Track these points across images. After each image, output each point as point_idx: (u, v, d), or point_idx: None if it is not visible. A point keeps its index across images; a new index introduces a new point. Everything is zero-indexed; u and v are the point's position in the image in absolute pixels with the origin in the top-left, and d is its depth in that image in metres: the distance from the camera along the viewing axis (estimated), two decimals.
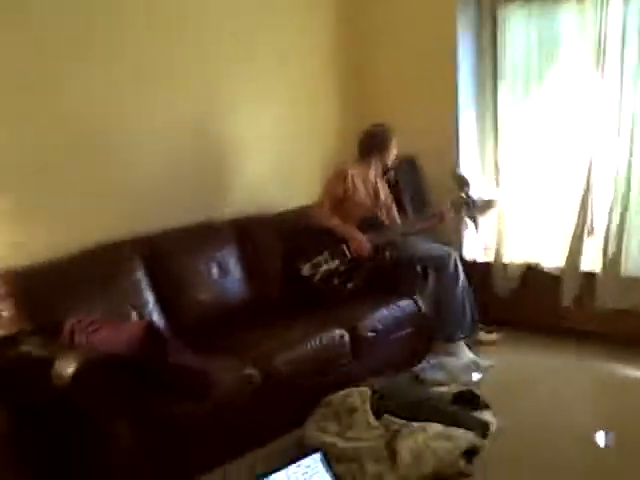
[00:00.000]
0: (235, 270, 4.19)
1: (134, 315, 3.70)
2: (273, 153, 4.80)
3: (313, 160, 5.00)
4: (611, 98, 4.41)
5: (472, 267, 4.89)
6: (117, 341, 3.02)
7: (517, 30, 4.75)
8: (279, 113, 4.79)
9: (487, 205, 4.64)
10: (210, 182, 4.44)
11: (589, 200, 4.60)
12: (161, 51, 4.07)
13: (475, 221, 4.56)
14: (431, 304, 4.42)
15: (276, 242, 4.36)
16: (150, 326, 3.14)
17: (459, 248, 4.97)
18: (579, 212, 4.63)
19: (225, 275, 4.13)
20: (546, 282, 4.81)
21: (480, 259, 5.11)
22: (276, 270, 4.29)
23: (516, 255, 4.98)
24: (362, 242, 4.22)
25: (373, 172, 4.55)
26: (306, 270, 4.19)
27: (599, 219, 4.63)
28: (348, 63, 5.17)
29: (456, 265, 4.45)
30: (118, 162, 3.96)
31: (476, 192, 4.62)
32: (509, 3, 4.75)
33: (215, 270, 4.10)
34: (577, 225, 4.65)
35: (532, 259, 4.92)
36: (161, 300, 3.86)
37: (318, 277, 4.19)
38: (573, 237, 4.67)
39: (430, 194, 5.08)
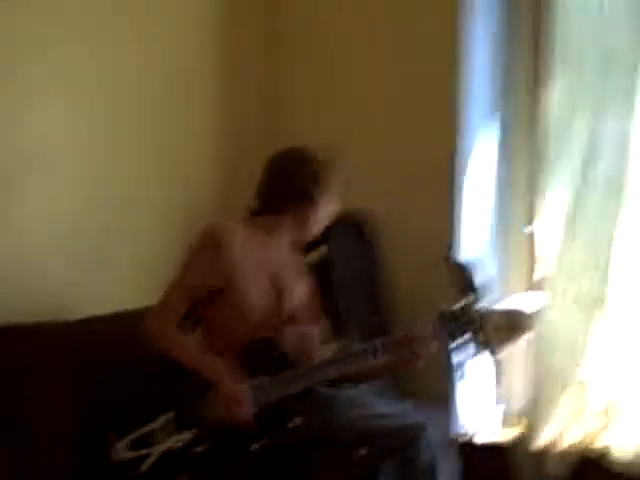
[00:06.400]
0: None
1: None
2: (72, 199, 3.52)
3: (156, 220, 3.80)
4: None
5: (474, 457, 3.65)
6: None
7: None
8: (93, 122, 3.56)
9: (514, 326, 3.33)
10: None
11: None
12: None
13: (491, 357, 3.34)
14: None
15: (63, 384, 3.09)
16: None
17: (448, 415, 3.79)
18: None
19: None
20: None
21: (489, 439, 3.85)
22: (59, 445, 3.03)
23: (569, 434, 3.64)
24: (237, 395, 2.98)
25: (284, 244, 3.25)
26: (122, 451, 2.95)
27: None
28: (241, 39, 4.11)
29: (434, 451, 3.11)
30: None
31: (491, 298, 3.34)
32: None
33: None
34: None
35: (596, 441, 3.61)
36: None
37: (147, 467, 2.94)
38: None
39: (394, 297, 3.97)
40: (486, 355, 3.42)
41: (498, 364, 3.66)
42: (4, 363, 3.06)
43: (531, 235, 3.88)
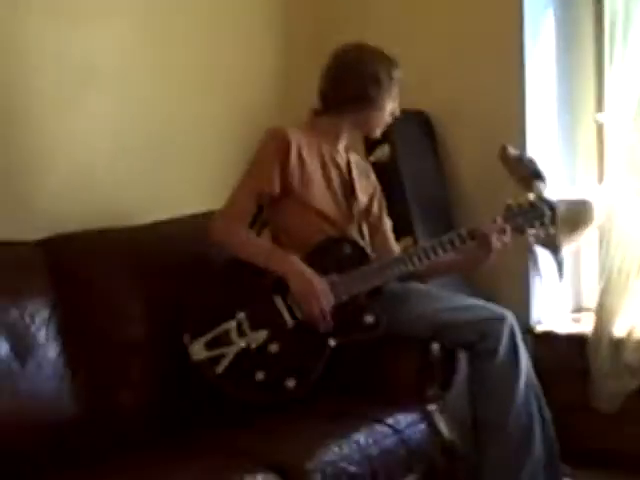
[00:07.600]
0: (47, 347, 2.89)
1: None
2: (130, 109, 3.47)
3: (216, 124, 3.71)
4: None
5: (549, 347, 3.65)
6: None
7: None
8: (145, 31, 3.45)
9: (581, 217, 3.58)
10: None
11: None
12: None
13: (556, 251, 3.54)
14: (463, 423, 3.14)
15: (136, 288, 3.05)
16: None
17: (522, 308, 3.68)
18: None
19: (24, 358, 2.85)
20: None
21: (565, 330, 3.77)
22: (136, 351, 3.00)
23: None
24: (318, 290, 2.89)
25: (343, 146, 3.17)
26: (197, 352, 2.91)
27: None
28: None
29: (514, 343, 3.01)
30: None
31: (557, 191, 3.52)
32: None
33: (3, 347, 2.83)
34: None
35: None
36: None
37: (223, 367, 2.90)
38: None
39: (461, 193, 3.89)
40: (556, 247, 3.53)
41: (567, 255, 3.59)
42: (73, 272, 3.03)
43: (601, 126, 3.71)
